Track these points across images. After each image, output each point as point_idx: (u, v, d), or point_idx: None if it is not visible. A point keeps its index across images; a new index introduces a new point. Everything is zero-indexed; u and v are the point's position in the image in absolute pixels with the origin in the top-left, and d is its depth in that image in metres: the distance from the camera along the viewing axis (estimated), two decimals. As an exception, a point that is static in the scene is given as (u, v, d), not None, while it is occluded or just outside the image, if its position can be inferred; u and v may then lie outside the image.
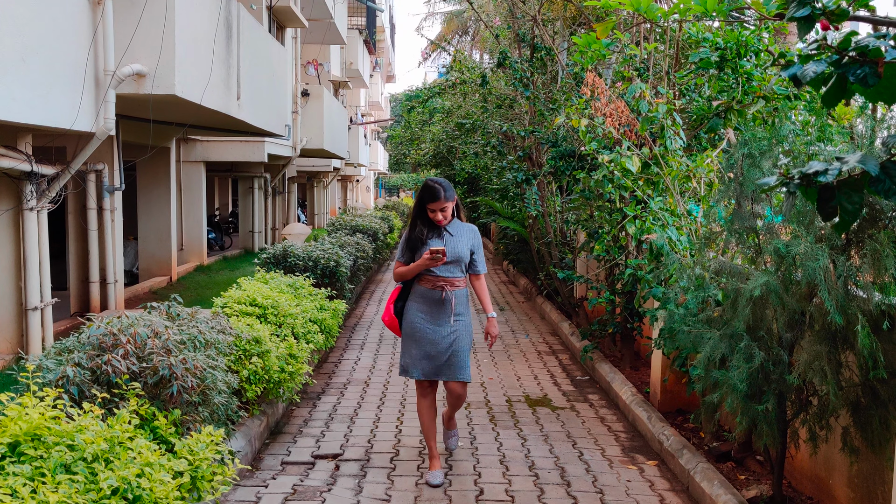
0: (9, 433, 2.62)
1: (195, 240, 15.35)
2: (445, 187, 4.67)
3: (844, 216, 1.48)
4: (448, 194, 4.66)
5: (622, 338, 7.76)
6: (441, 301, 4.74)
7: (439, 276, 4.73)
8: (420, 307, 4.79)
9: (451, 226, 4.80)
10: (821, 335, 3.76)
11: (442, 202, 4.64)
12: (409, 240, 4.81)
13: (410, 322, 4.81)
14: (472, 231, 4.87)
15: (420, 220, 4.78)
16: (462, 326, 4.81)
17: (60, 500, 2.27)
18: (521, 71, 9.33)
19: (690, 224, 5.76)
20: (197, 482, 3.11)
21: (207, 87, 8.68)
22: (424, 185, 4.72)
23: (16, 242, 7.56)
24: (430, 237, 4.75)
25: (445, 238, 4.75)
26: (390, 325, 4.97)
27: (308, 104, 17.74)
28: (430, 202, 4.65)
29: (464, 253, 4.76)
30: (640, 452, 5.56)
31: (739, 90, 5.68)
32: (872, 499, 3.81)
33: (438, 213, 4.67)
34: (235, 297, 6.25)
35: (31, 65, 6.28)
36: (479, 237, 4.89)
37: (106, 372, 3.39)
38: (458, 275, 4.78)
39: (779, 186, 1.53)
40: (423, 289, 4.78)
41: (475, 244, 4.84)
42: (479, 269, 4.93)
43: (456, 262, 4.74)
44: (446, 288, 4.73)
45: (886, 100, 1.67)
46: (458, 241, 4.76)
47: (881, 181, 1.46)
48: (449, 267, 4.72)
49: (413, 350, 4.79)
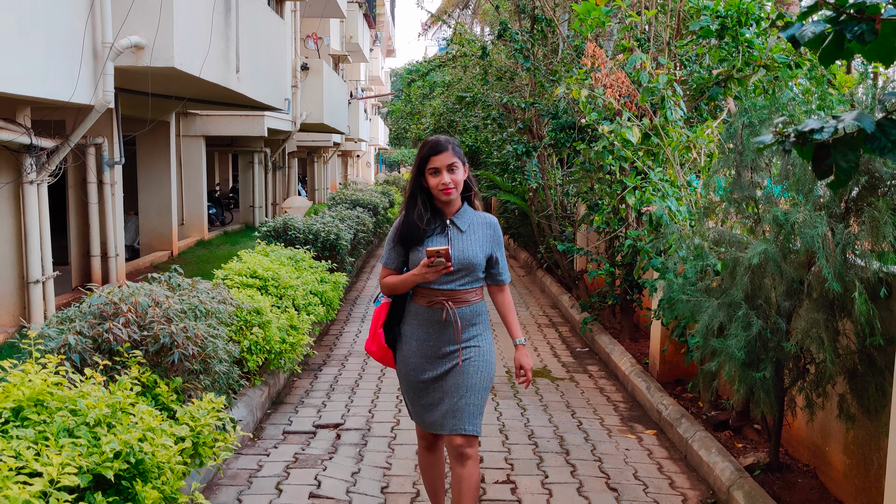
0: (12, 398, 2.65)
1: (196, 214, 15.34)
2: (452, 141, 3.29)
3: (840, 174, 1.48)
4: (456, 150, 3.27)
5: (622, 309, 7.78)
6: (442, 323, 3.29)
7: (440, 288, 3.27)
8: (416, 333, 3.35)
9: (460, 216, 3.34)
10: (819, 303, 3.77)
11: (449, 155, 3.22)
12: (401, 231, 3.33)
13: (404, 359, 3.39)
14: (489, 225, 3.39)
15: (420, 198, 3.30)
16: (476, 356, 3.34)
17: (64, 463, 2.30)
18: (521, 42, 9.27)
19: (690, 195, 5.76)
20: (199, 448, 3.14)
21: (206, 59, 8.63)
22: (424, 141, 3.34)
23: (16, 216, 7.57)
24: (431, 230, 3.30)
25: (451, 235, 3.29)
26: (382, 358, 3.53)
27: (308, 78, 17.65)
28: (434, 155, 3.23)
29: (477, 257, 3.29)
30: (639, 422, 5.61)
31: (740, 59, 5.65)
32: (868, 465, 3.85)
33: (445, 175, 3.20)
34: (236, 270, 6.27)
35: (28, 37, 6.25)
36: (500, 232, 3.43)
37: (107, 340, 3.42)
38: (469, 286, 3.32)
39: (774, 145, 1.53)
40: (419, 307, 3.34)
41: (495, 243, 3.38)
42: (501, 278, 3.47)
43: (467, 270, 3.28)
44: (448, 305, 3.26)
45: (883, 59, 1.67)
46: (469, 240, 3.31)
47: (877, 139, 1.46)
48: (455, 277, 3.27)
49: (410, 394, 3.42)
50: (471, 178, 3.38)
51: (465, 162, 3.29)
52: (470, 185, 3.37)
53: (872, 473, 3.78)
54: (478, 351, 3.34)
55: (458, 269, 3.24)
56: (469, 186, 3.36)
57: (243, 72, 10.30)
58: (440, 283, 3.26)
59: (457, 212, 3.34)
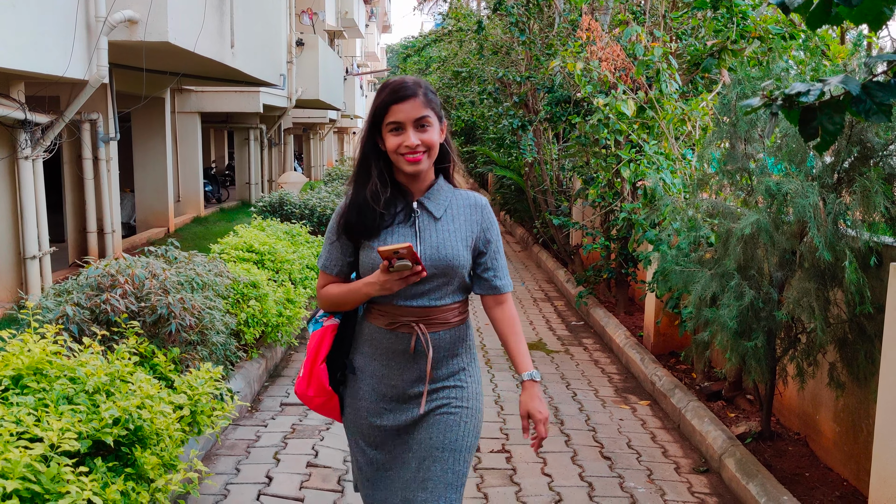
0: (11, 367, 2.68)
1: (192, 191, 15.32)
2: (423, 85, 2.24)
3: (825, 136, 1.51)
4: (429, 97, 2.22)
5: (617, 283, 7.83)
6: (410, 355, 2.28)
7: (406, 305, 2.25)
8: (371, 367, 2.34)
9: (433, 195, 2.30)
10: (810, 273, 3.81)
11: (418, 104, 2.18)
12: (347, 218, 2.28)
13: (354, 404, 2.37)
14: (475, 207, 2.35)
15: (375, 168, 2.26)
16: (458, 401, 2.33)
17: (64, 428, 2.33)
18: (517, 16, 9.23)
19: (685, 168, 5.78)
20: (197, 417, 3.18)
21: (201, 34, 8.59)
22: (384, 83, 2.26)
23: (12, 192, 7.57)
24: (390, 215, 2.26)
25: (420, 223, 2.26)
26: (323, 406, 2.44)
27: (303, 54, 17.55)
28: (395, 103, 2.17)
29: (458, 255, 2.26)
30: (633, 393, 5.67)
31: (734, 30, 5.65)
32: (857, 432, 3.91)
33: (410, 134, 2.17)
34: (232, 244, 6.29)
35: (20, 10, 6.22)
36: (493, 217, 2.39)
37: (105, 311, 3.45)
38: (449, 299, 2.29)
39: (762, 108, 1.56)
40: (375, 330, 2.31)
41: (485, 232, 2.35)
42: (499, 285, 2.39)
43: (444, 275, 2.25)
44: (418, 329, 2.25)
45: (871, 22, 1.69)
46: (446, 230, 2.27)
47: (862, 101, 1.48)
48: (427, 287, 2.25)
49: (359, 457, 2.40)
50: (450, 142, 2.33)
51: (442, 117, 2.25)
52: (447, 152, 2.31)
53: (862, 440, 3.84)
54: (461, 394, 2.33)
55: (430, 275, 2.20)
56: (446, 153, 2.31)
57: (238, 47, 10.25)
58: (405, 297, 2.22)
59: (428, 189, 2.28)
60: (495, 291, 2.38)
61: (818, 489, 3.93)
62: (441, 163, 2.32)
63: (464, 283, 2.32)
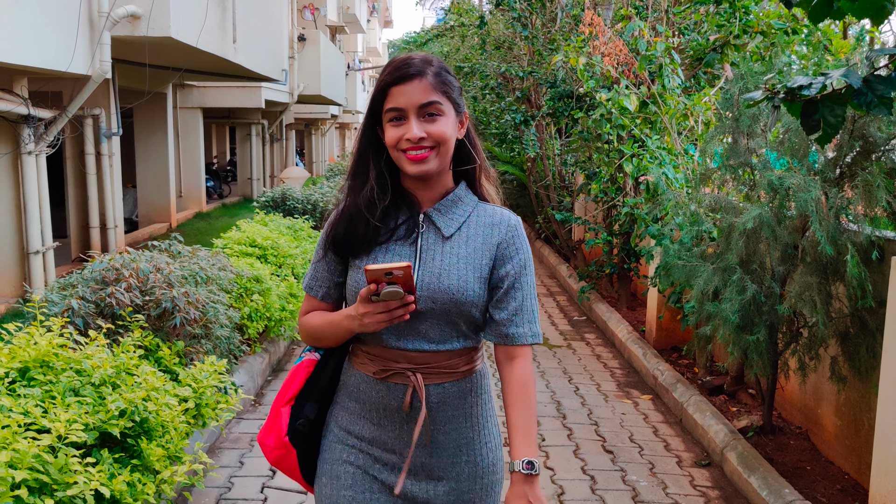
0: (18, 359, 2.70)
1: (194, 187, 15.34)
2: (435, 63, 1.75)
3: (827, 129, 1.52)
4: (441, 78, 1.73)
5: (619, 278, 7.84)
6: (403, 414, 1.79)
7: (399, 347, 1.77)
8: (352, 424, 1.85)
9: (446, 207, 1.81)
10: (812, 267, 3.82)
11: (427, 86, 1.71)
12: (336, 229, 1.83)
13: (329, 472, 1.85)
14: (501, 226, 1.82)
15: (374, 168, 1.81)
16: (466, 487, 1.84)
17: (71, 420, 2.35)
18: (519, 11, 9.24)
19: (688, 163, 5.79)
20: (201, 409, 3.21)
21: (203, 29, 8.60)
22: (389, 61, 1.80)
23: (15, 187, 7.59)
24: (388, 228, 1.80)
25: (424, 241, 1.79)
26: (280, 460, 1.89)
27: (305, 49, 17.55)
28: (396, 84, 1.71)
29: (466, 287, 1.75)
30: (635, 388, 5.68)
31: (737, 25, 5.66)
32: (859, 426, 3.92)
33: (413, 124, 1.70)
34: (235, 239, 6.31)
35: (23, 5, 6.23)
36: (523, 243, 1.84)
37: (110, 304, 3.47)
38: (455, 343, 1.79)
39: (764, 101, 1.57)
40: (363, 380, 1.82)
41: (507, 260, 1.80)
42: (512, 333, 1.78)
43: (447, 311, 1.75)
44: (413, 380, 1.76)
45: (873, 16, 1.70)
46: (455, 253, 1.77)
47: (863, 94, 1.49)
48: (425, 325, 1.76)
49: None
50: (474, 139, 1.84)
51: (460, 105, 1.77)
52: (471, 151, 1.82)
53: (863, 434, 3.86)
54: (471, 472, 1.82)
55: (427, 311, 1.71)
56: (466, 152, 1.81)
57: (240, 42, 10.26)
58: (399, 337, 1.73)
59: (443, 198, 1.79)
60: (506, 341, 1.76)
61: (819, 482, 3.95)
62: (462, 162, 1.83)
63: (476, 323, 1.79)
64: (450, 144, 1.73)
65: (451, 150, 1.75)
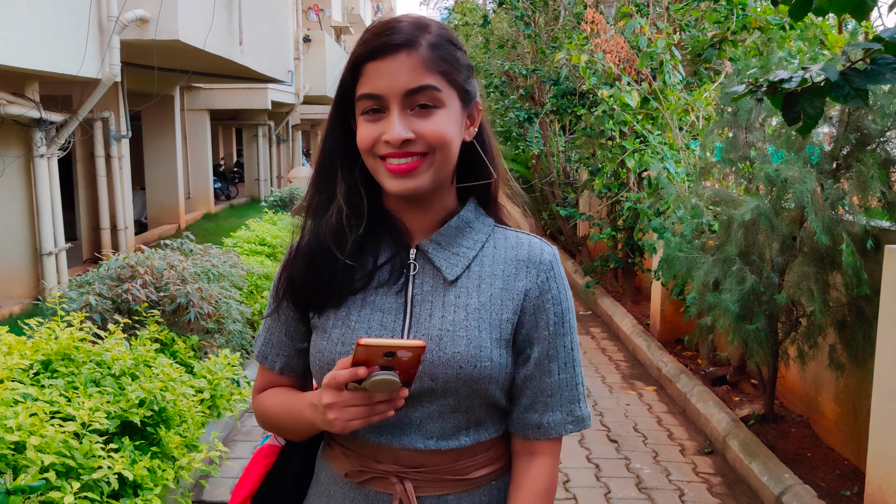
0: (41, 352, 2.81)
1: (202, 188, 15.48)
2: (430, 28, 1.16)
3: (807, 120, 1.61)
4: (441, 52, 1.15)
5: (623, 273, 7.93)
6: None
7: (382, 443, 1.22)
8: None
9: (447, 237, 1.24)
10: (810, 257, 3.91)
11: (416, 65, 1.12)
12: (293, 271, 1.27)
13: None
14: (529, 264, 1.23)
15: (344, 181, 1.22)
16: None
17: (94, 408, 2.46)
18: (522, 10, 9.34)
19: (689, 157, 5.88)
20: (216, 400, 3.32)
21: (210, 32, 8.72)
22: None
23: (28, 189, 7.72)
24: (364, 268, 1.24)
25: (417, 289, 1.22)
26: None
27: (310, 50, 17.69)
28: (372, 59, 1.13)
29: (480, 355, 1.17)
30: (640, 379, 5.77)
31: (734, 21, 5.75)
32: (857, 413, 4.00)
33: (395, 120, 1.13)
34: (245, 237, 6.43)
35: (36, 10, 6.35)
36: (561, 284, 1.24)
37: (126, 300, 3.58)
38: (465, 437, 1.22)
39: (747, 94, 1.66)
40: (335, 481, 1.28)
41: (540, 313, 1.22)
42: (549, 423, 1.23)
43: (452, 393, 1.17)
44: (401, 490, 1.21)
45: (853, 12, 1.79)
46: (463, 305, 1.20)
47: (841, 87, 1.58)
48: (421, 412, 1.20)
49: None
50: (490, 140, 1.31)
51: (470, 93, 1.23)
52: (481, 159, 1.28)
53: (862, 420, 3.94)
54: None
55: (423, 392, 1.19)
56: (477, 160, 1.28)
57: (246, 44, 10.38)
58: (379, 428, 1.22)
59: (443, 223, 1.26)
60: (531, 433, 1.23)
61: (819, 468, 4.04)
62: (472, 177, 1.27)
63: (497, 406, 1.23)
64: (450, 150, 1.17)
65: (454, 158, 1.20)
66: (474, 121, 1.26)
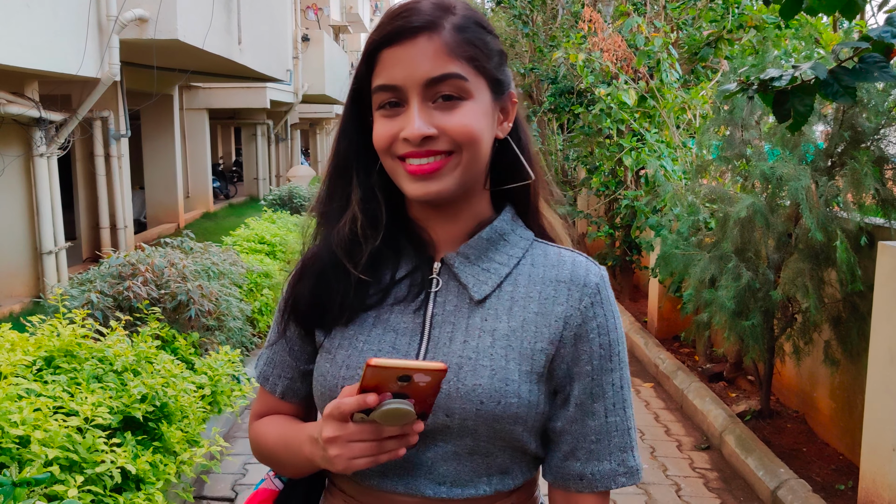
0: (44, 349, 2.84)
1: (201, 187, 15.51)
2: (454, 8, 1.01)
3: (797, 117, 1.65)
4: (468, 36, 1.00)
5: (621, 270, 7.97)
6: None
7: (383, 489, 1.05)
8: None
9: (477, 250, 1.07)
10: (805, 254, 3.95)
11: (439, 51, 0.97)
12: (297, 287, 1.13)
13: None
14: (572, 285, 1.04)
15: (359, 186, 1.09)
16: None
17: (97, 403, 2.49)
18: (520, 9, 9.37)
19: (686, 155, 5.91)
20: (217, 396, 3.35)
21: (209, 31, 8.75)
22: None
23: (28, 188, 7.74)
24: (380, 282, 1.09)
25: (440, 308, 1.07)
26: None
27: (308, 49, 17.71)
28: (388, 45, 0.99)
29: (507, 391, 1.00)
30: (637, 376, 5.81)
31: (730, 20, 5.79)
32: (852, 407, 4.04)
33: (414, 114, 0.98)
34: (244, 236, 6.46)
35: (35, 10, 6.38)
36: (609, 311, 1.05)
37: (127, 298, 3.61)
38: (477, 486, 1.04)
39: (739, 92, 1.69)
40: None
41: (582, 344, 1.03)
42: (594, 474, 1.04)
43: (470, 432, 1.00)
44: None
45: (843, 11, 1.82)
46: (490, 330, 1.03)
47: (830, 85, 1.61)
48: (434, 453, 1.03)
49: None
50: (526, 138, 1.14)
51: (503, 84, 1.07)
52: (518, 158, 1.11)
53: (856, 415, 3.98)
54: None
55: (437, 429, 1.02)
56: (512, 160, 1.11)
57: (245, 43, 10.41)
58: (383, 471, 1.05)
59: (473, 234, 1.10)
60: (571, 484, 1.07)
61: (815, 463, 4.07)
62: (507, 181, 1.12)
63: (524, 450, 1.07)
64: (479, 147, 1.02)
65: (484, 158, 1.04)
66: (508, 115, 1.09)
